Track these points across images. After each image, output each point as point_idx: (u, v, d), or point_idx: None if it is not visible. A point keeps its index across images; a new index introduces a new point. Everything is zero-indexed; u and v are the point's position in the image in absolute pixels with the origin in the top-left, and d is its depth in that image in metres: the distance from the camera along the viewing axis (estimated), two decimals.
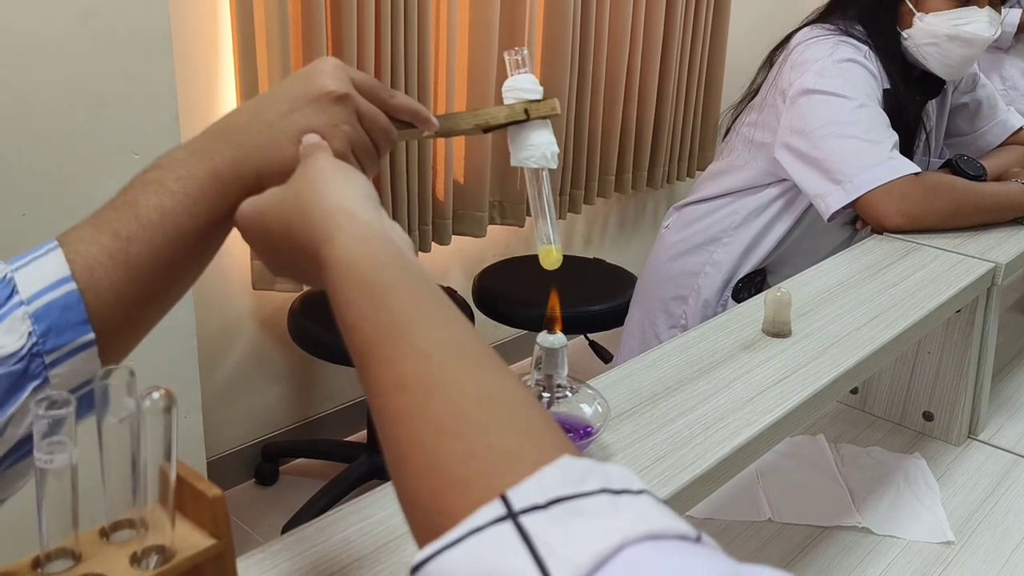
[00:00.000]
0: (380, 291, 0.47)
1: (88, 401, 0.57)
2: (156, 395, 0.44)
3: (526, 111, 0.73)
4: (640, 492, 0.36)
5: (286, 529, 2.26)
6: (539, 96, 0.74)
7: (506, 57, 0.76)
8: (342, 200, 0.53)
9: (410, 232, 2.48)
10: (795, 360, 0.95)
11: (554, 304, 0.72)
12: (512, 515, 0.34)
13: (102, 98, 1.74)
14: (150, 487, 0.47)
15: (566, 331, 2.52)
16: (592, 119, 2.90)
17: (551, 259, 0.73)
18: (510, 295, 2.34)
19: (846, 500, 1.17)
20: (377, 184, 2.37)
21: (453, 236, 2.63)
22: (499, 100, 0.75)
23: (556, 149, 0.74)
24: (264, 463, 2.48)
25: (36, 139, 1.68)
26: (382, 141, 0.67)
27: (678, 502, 0.76)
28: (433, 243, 2.59)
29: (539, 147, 0.73)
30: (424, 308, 0.46)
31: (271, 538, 2.48)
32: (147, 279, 0.60)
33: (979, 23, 1.45)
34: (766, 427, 0.83)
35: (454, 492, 0.37)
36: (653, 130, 3.13)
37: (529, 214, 2.87)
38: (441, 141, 2.52)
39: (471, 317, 2.25)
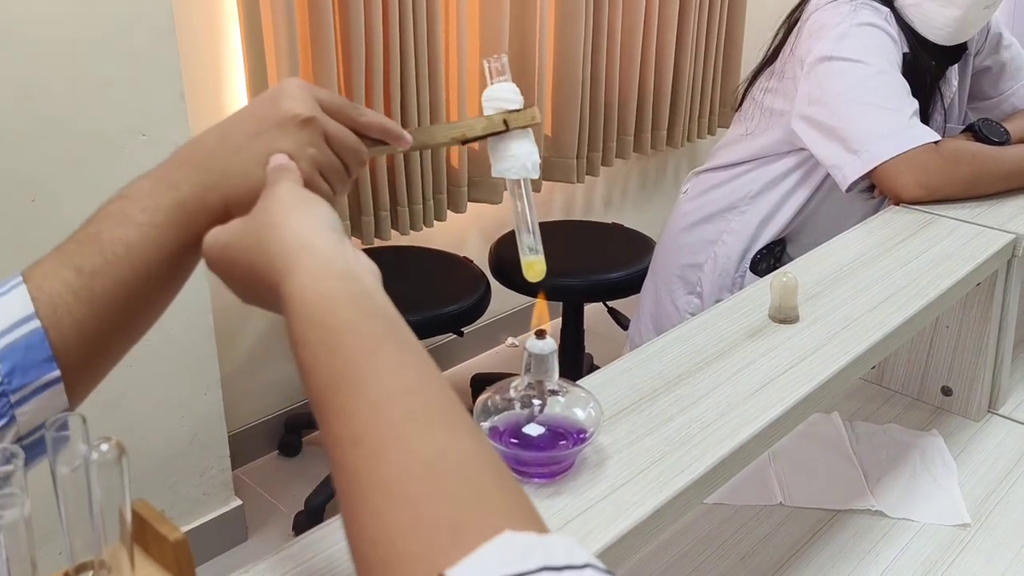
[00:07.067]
0: (335, 335, 0.46)
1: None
2: (104, 447, 0.43)
3: (505, 121, 0.72)
4: (584, 566, 0.35)
5: (310, 500, 2.28)
6: (519, 106, 0.73)
7: (485, 65, 0.73)
8: (302, 235, 0.52)
9: (424, 201, 2.45)
10: (801, 348, 0.93)
11: (541, 311, 0.70)
12: None
13: (107, 80, 1.72)
14: (108, 530, 0.46)
15: (585, 298, 2.47)
16: (608, 78, 2.84)
17: (534, 271, 0.71)
18: None
19: (860, 482, 1.15)
20: (391, 155, 2.35)
21: (469, 203, 2.61)
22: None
23: (537, 159, 0.72)
24: (287, 434, 2.50)
25: (43, 124, 1.67)
26: (351, 161, 0.66)
27: (678, 504, 0.75)
28: (449, 211, 2.57)
29: (519, 158, 0.72)
30: (378, 353, 0.45)
31: (295, 509, 2.48)
32: (112, 313, 0.59)
33: None
34: (769, 423, 0.81)
35: (400, 567, 0.36)
36: (672, 87, 3.06)
37: (546, 178, 2.84)
38: (453, 109, 2.48)
39: (487, 287, 2.23)
